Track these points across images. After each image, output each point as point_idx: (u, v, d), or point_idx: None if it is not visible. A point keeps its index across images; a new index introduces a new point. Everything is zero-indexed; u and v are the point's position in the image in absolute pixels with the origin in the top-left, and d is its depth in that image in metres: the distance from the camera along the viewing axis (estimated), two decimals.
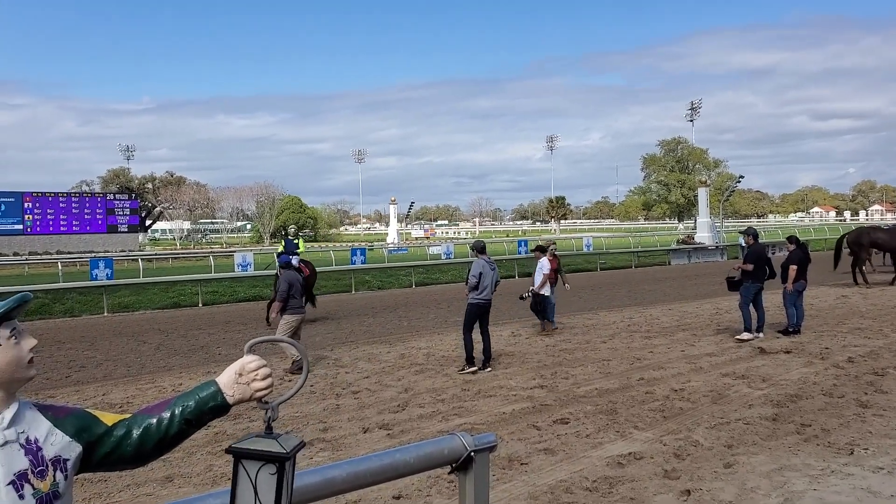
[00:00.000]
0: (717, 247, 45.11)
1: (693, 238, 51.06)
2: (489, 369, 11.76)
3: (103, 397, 10.75)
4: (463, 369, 11.75)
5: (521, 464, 7.08)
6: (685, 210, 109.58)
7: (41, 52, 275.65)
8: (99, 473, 6.81)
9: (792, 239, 15.16)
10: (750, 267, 14.02)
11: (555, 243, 17.36)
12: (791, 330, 14.28)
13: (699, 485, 6.33)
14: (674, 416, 8.70)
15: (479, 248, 12.56)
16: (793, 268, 14.31)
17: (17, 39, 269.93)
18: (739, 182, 71.01)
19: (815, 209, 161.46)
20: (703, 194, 53.81)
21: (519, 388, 10.52)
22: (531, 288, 15.87)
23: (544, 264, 15.87)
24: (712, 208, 58.49)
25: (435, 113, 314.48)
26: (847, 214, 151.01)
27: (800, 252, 14.67)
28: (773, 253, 45.18)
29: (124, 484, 6.85)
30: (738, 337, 13.88)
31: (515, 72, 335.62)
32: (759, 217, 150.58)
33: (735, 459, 7.01)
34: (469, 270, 12.31)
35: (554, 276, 15.91)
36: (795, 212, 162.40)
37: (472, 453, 3.26)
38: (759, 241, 15.13)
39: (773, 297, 16.67)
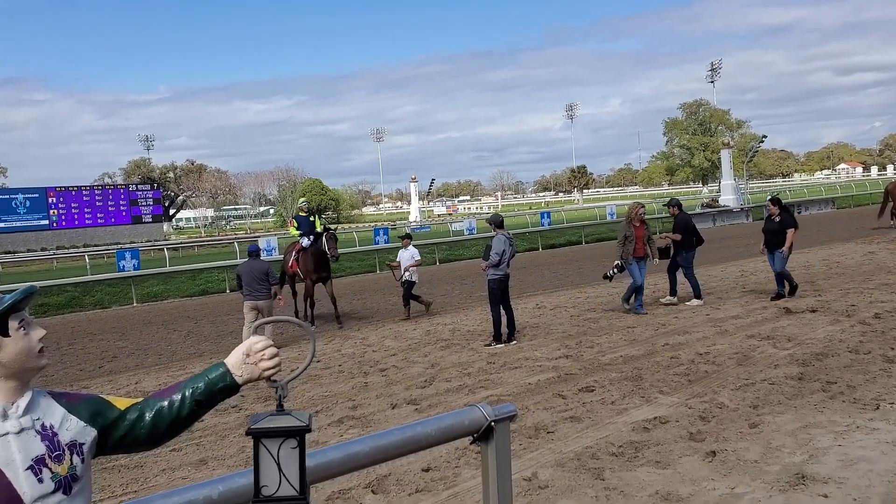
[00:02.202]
0: (741, 209, 44.78)
1: (717, 201, 50.66)
2: (514, 342, 11.83)
3: (136, 385, 10.95)
4: (489, 343, 11.83)
5: (548, 432, 7.16)
6: (709, 173, 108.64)
7: (58, 47, 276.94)
8: (135, 460, 7.02)
9: (776, 201, 14.78)
10: (678, 237, 14.13)
11: (643, 206, 14.59)
12: (791, 290, 14.00)
13: (724, 445, 6.38)
14: (699, 380, 8.73)
15: (498, 223, 12.43)
16: (791, 231, 13.89)
17: (35, 37, 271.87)
18: (763, 142, 70.30)
19: (842, 165, 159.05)
20: (726, 156, 53.24)
21: (544, 358, 10.59)
22: (616, 262, 13.89)
23: (404, 255, 15.41)
24: (736, 170, 57.98)
25: (451, 88, 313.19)
26: (874, 170, 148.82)
27: (788, 215, 14.34)
28: (800, 212, 44.83)
29: (160, 468, 7.02)
30: (688, 303, 14.14)
31: (531, 42, 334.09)
32: (784, 176, 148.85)
33: (760, 419, 7.04)
34: (489, 247, 12.24)
35: (642, 248, 13.84)
36: (821, 169, 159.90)
37: (493, 423, 3.33)
38: (685, 210, 14.96)
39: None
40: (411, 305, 15.38)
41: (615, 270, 13.89)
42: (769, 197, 16.56)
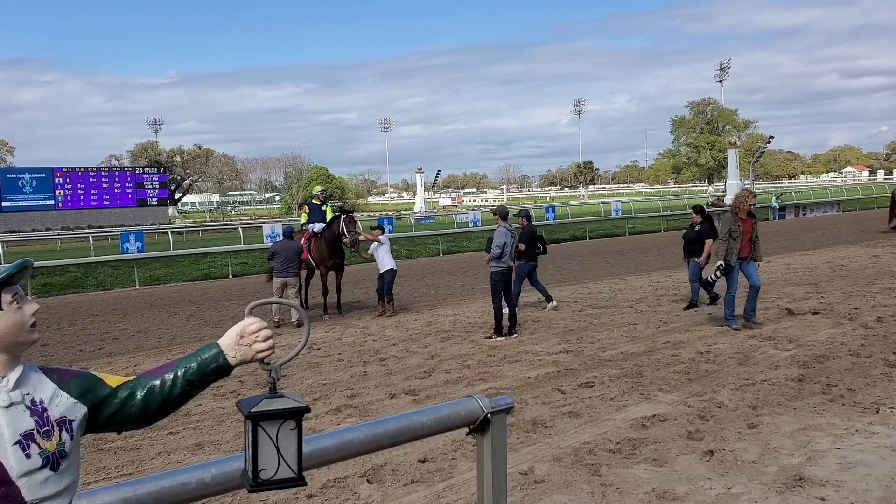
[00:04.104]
0: None
1: (723, 200, 50.49)
2: (515, 335, 11.81)
3: (135, 368, 10.95)
4: (490, 336, 11.81)
5: (546, 427, 7.14)
6: (715, 172, 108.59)
7: (68, 28, 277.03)
8: (131, 442, 7.02)
9: (698, 209, 14.67)
10: (523, 246, 13.98)
11: (754, 195, 12.48)
12: (711, 300, 13.84)
13: (722, 445, 6.36)
14: (699, 379, 8.70)
15: (503, 214, 12.49)
16: (709, 242, 13.55)
17: (45, 17, 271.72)
18: (769, 143, 70.09)
19: (848, 169, 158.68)
20: (732, 156, 53.15)
21: (544, 353, 10.57)
22: (719, 263, 11.63)
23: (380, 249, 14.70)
24: (742, 170, 57.83)
25: (459, 80, 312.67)
26: (881, 173, 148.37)
27: (709, 224, 14.22)
28: (805, 214, 44.74)
29: (156, 452, 7.01)
30: (548, 307, 14.28)
31: (540, 36, 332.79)
32: (790, 178, 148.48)
33: (759, 420, 7.01)
34: (491, 239, 12.23)
35: (749, 247, 11.60)
36: (828, 172, 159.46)
37: (489, 415, 3.31)
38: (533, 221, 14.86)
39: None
40: (385, 300, 14.73)
41: (718, 273, 11.83)
42: (693, 204, 16.43)
